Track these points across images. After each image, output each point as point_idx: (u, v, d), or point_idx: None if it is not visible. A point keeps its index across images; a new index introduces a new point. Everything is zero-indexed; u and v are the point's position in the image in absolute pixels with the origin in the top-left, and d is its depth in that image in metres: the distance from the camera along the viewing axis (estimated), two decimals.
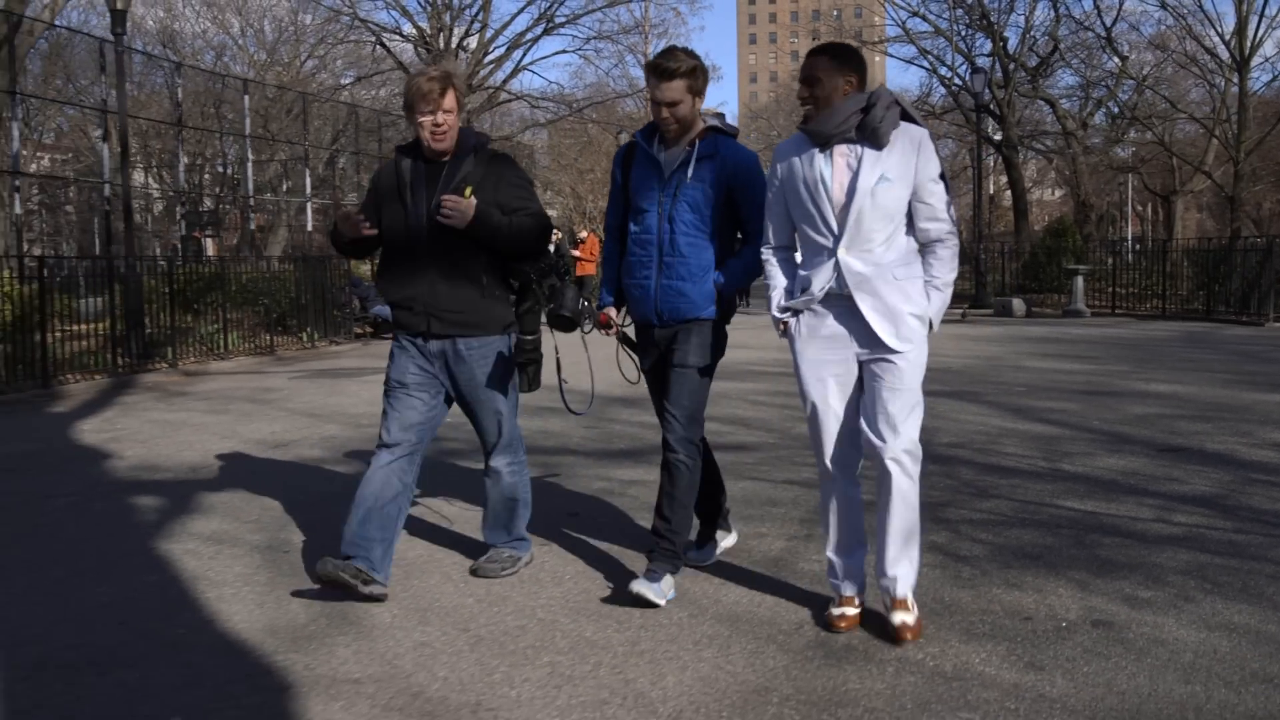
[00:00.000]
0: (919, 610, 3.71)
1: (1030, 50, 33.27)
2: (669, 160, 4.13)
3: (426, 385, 4.24)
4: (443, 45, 33.00)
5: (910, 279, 3.61)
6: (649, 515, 4.24)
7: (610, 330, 4.38)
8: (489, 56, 34.20)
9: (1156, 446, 6.93)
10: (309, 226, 27.63)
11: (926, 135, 3.60)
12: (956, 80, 33.37)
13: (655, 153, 4.17)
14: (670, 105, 4.01)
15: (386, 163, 4.41)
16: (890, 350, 3.56)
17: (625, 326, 4.38)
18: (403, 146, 4.34)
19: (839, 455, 3.76)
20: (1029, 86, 33.19)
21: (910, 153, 3.54)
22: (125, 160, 14.89)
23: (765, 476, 6.17)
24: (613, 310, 4.37)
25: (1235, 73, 28.36)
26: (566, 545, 4.88)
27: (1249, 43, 27.63)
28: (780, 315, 3.76)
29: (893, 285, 3.56)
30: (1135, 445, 6.99)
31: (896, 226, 3.58)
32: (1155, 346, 14.44)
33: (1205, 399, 9.08)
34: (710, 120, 4.19)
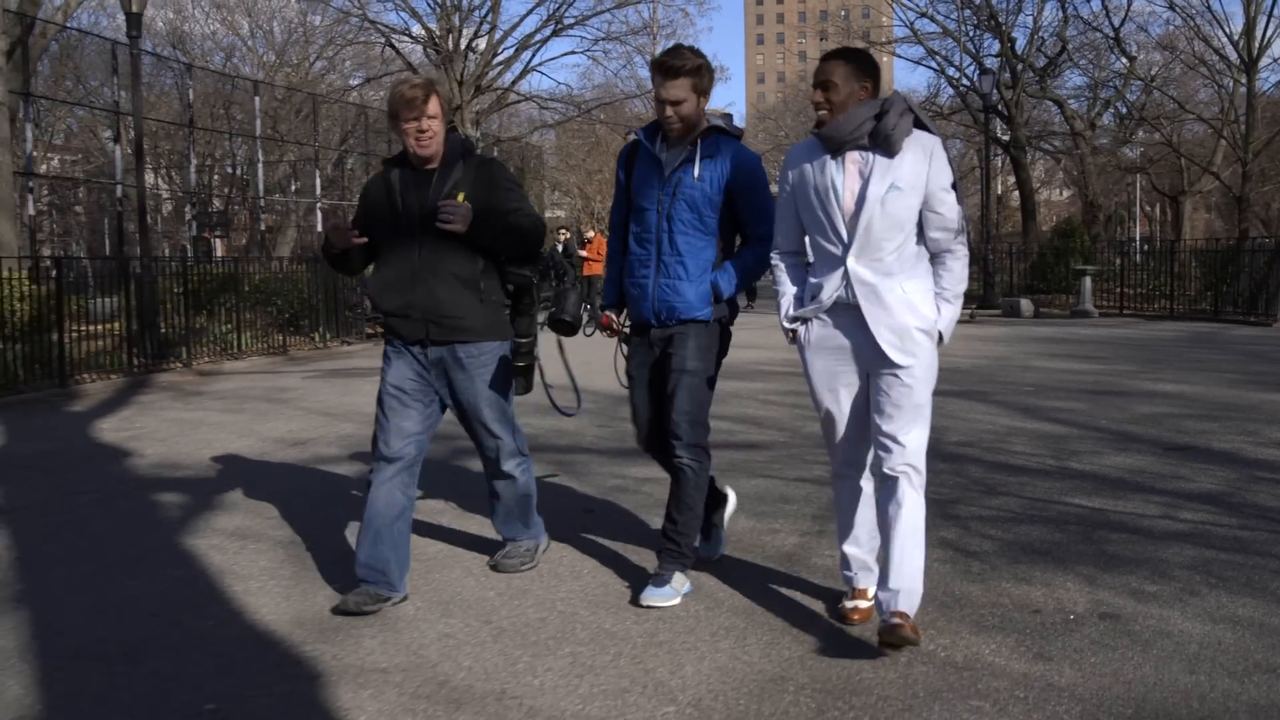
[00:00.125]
0: (919, 615, 3.71)
1: (1038, 51, 33.32)
2: (670, 159, 4.12)
3: (423, 393, 4.22)
4: (452, 46, 33.10)
5: (919, 291, 3.57)
6: (661, 512, 4.33)
7: (611, 332, 4.38)
8: (498, 58, 34.30)
9: (1163, 445, 7.01)
10: (318, 227, 27.79)
11: (939, 144, 3.57)
12: (964, 81, 33.45)
13: (657, 151, 4.16)
14: (674, 103, 4.00)
15: (374, 176, 4.40)
16: (896, 365, 3.53)
17: (625, 328, 4.36)
18: (389, 159, 4.33)
19: (852, 455, 3.80)
20: (1037, 87, 33.23)
21: (922, 161, 3.50)
22: (140, 162, 15.01)
23: (777, 474, 6.26)
24: (614, 313, 4.36)
25: (1243, 73, 28.38)
26: (583, 541, 4.98)
27: (1257, 43, 27.62)
28: (789, 325, 3.77)
29: (900, 298, 3.53)
30: (1142, 444, 7.07)
31: (907, 236, 3.55)
32: (1163, 347, 14.51)
33: (1212, 398, 9.15)
34: (715, 120, 4.17)
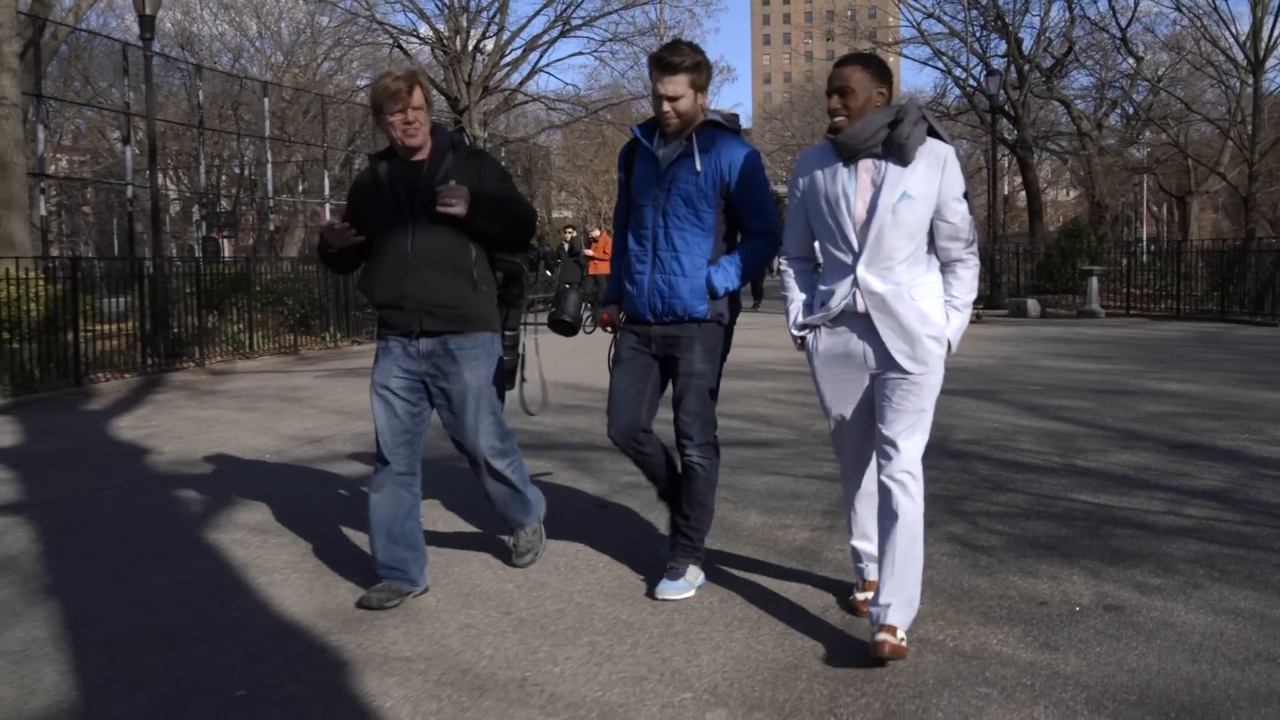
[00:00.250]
0: (926, 606, 3.81)
1: (1045, 51, 33.38)
2: (666, 155, 4.12)
3: (411, 391, 4.20)
4: (459, 47, 33.24)
5: (928, 299, 3.56)
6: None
7: (612, 329, 4.36)
8: (505, 58, 34.43)
9: (1169, 443, 7.09)
10: None
11: (952, 153, 3.55)
12: (971, 81, 33.56)
13: (654, 148, 4.16)
14: (672, 99, 3.99)
15: (362, 171, 4.36)
16: (904, 371, 3.53)
17: (623, 323, 4.34)
18: (376, 154, 4.31)
19: (861, 457, 3.83)
20: (1044, 87, 33.30)
21: (934, 170, 3.49)
22: (154, 162, 15.14)
23: (788, 471, 6.35)
24: (614, 310, 4.36)
25: (1250, 74, 28.44)
26: (598, 536, 5.07)
27: (1264, 44, 27.71)
28: (797, 332, 3.77)
29: (910, 306, 3.52)
30: (1148, 442, 7.16)
31: (918, 245, 3.54)
32: (1169, 346, 14.57)
33: (1217, 398, 9.23)
34: (712, 115, 4.15)
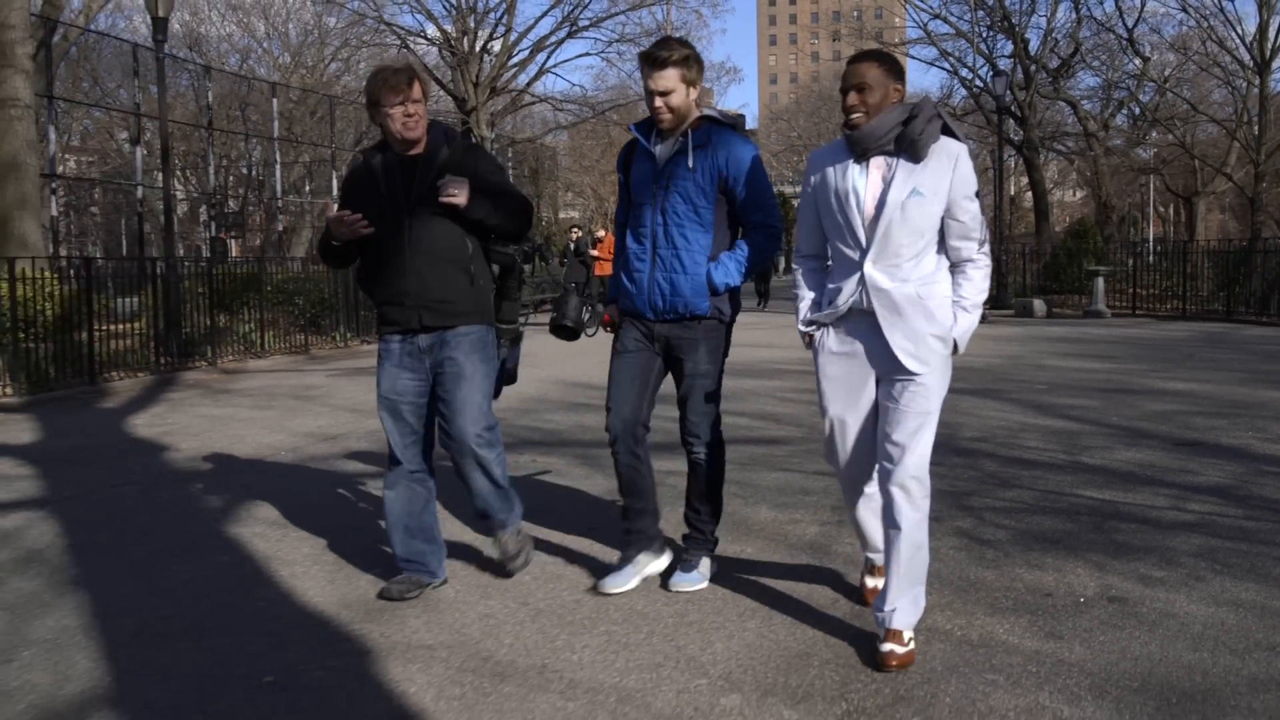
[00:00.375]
0: (933, 598, 3.89)
1: (1052, 52, 33.46)
2: (663, 152, 4.13)
3: (417, 392, 4.23)
4: (467, 48, 33.39)
5: (935, 299, 3.53)
6: (682, 502, 4.46)
7: (613, 328, 4.36)
8: (513, 60, 34.61)
9: (1173, 441, 7.18)
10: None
11: (964, 151, 3.53)
12: (978, 82, 33.58)
13: (651, 146, 4.17)
14: (664, 94, 4.01)
15: (355, 166, 4.36)
16: (908, 372, 3.51)
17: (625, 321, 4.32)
18: (369, 147, 4.30)
19: (854, 473, 3.76)
20: (1050, 88, 33.36)
21: (946, 168, 3.47)
22: (167, 164, 15.26)
23: (797, 468, 6.44)
24: (615, 310, 4.36)
25: (1256, 75, 28.48)
26: (611, 530, 5.13)
27: (1270, 45, 27.76)
28: (804, 329, 3.77)
29: (916, 305, 3.50)
30: (1153, 439, 7.24)
31: (927, 243, 3.52)
32: (1174, 346, 14.65)
33: (1222, 396, 9.31)
34: (707, 110, 4.17)
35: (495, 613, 4.04)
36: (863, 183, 3.53)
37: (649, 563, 4.27)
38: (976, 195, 3.54)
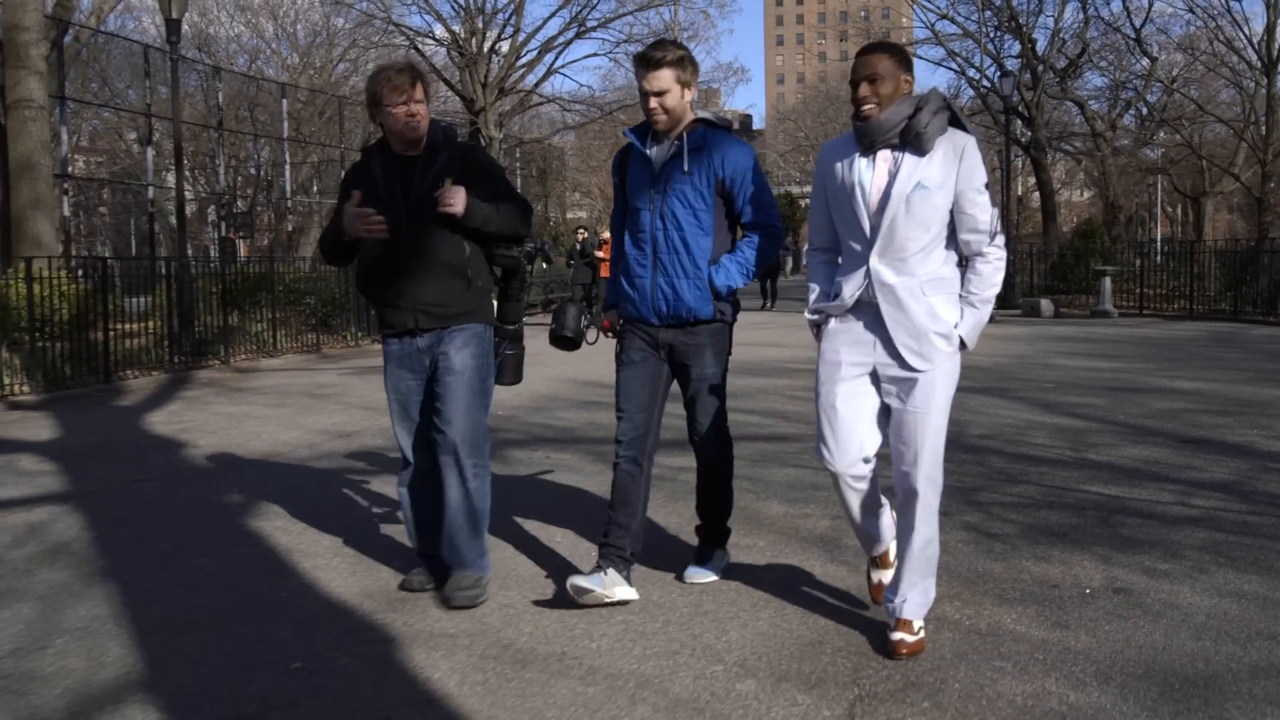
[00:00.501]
0: (942, 589, 3.98)
1: (1059, 52, 33.48)
2: (659, 156, 4.11)
3: (422, 389, 4.24)
4: (475, 49, 33.50)
5: (940, 295, 3.50)
6: (694, 498, 4.54)
7: (614, 334, 4.34)
8: (521, 60, 34.68)
9: (1179, 438, 7.26)
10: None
11: (972, 142, 3.47)
12: (985, 82, 33.66)
13: (647, 150, 4.14)
14: (658, 95, 3.99)
15: (354, 165, 4.35)
16: (912, 369, 3.49)
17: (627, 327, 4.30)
18: (368, 147, 4.28)
19: (844, 461, 3.61)
20: (1058, 88, 33.39)
21: (952, 160, 3.43)
22: (179, 165, 15.41)
23: (807, 464, 6.53)
24: (615, 316, 4.33)
25: (1264, 75, 28.50)
26: None
27: (1278, 45, 27.76)
28: (811, 318, 3.78)
29: (920, 301, 3.47)
30: (1158, 437, 7.32)
31: (934, 237, 3.48)
32: (1181, 346, 14.71)
33: (1228, 395, 9.38)
34: (702, 113, 4.15)
35: (514, 603, 4.14)
36: (869, 175, 3.50)
37: (618, 583, 4.00)
38: (986, 188, 3.48)
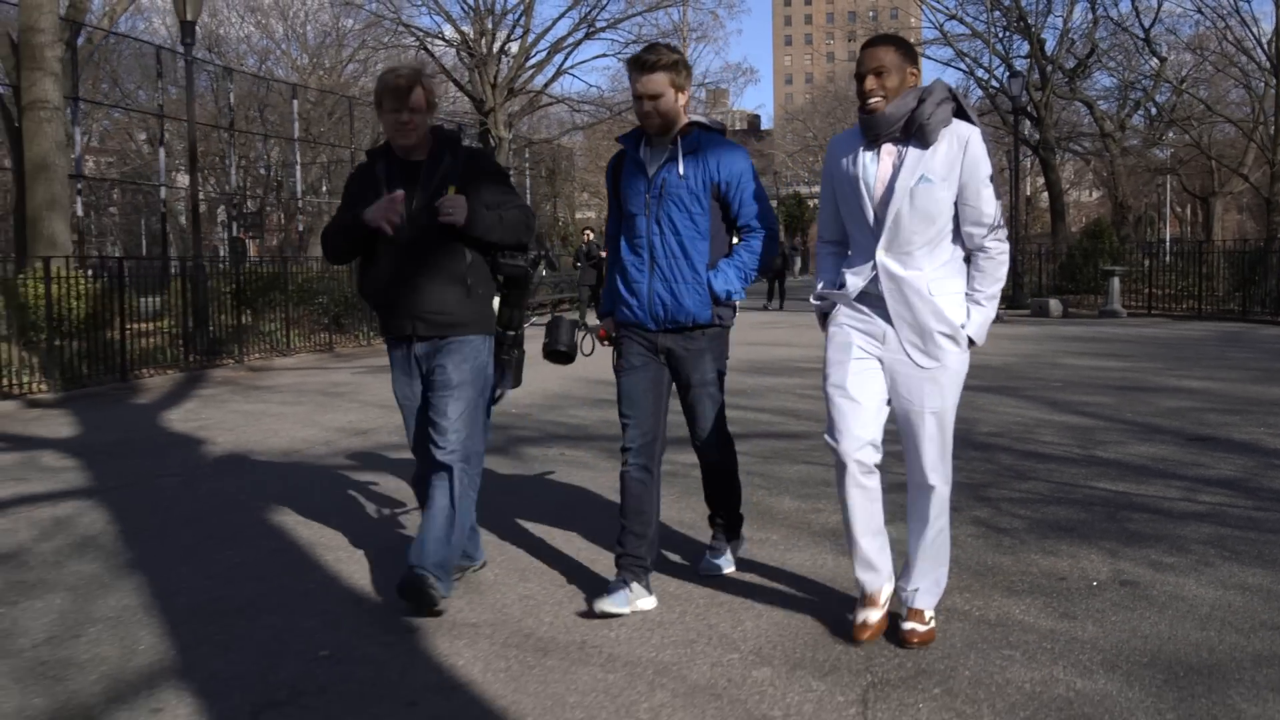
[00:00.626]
0: (952, 580, 4.05)
1: (1068, 52, 33.51)
2: (653, 161, 4.09)
3: (422, 396, 4.26)
4: (485, 50, 33.62)
5: (946, 295, 3.50)
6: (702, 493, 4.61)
7: (610, 342, 4.32)
8: (530, 61, 34.81)
9: (1186, 436, 7.34)
10: None
11: (976, 134, 3.46)
12: (994, 82, 33.66)
13: (641, 155, 4.12)
14: (652, 98, 3.96)
15: (359, 166, 4.35)
16: (918, 366, 3.51)
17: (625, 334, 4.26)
18: (373, 149, 4.30)
19: (851, 440, 3.53)
20: (1066, 88, 33.42)
21: (956, 152, 3.42)
22: (194, 165, 15.53)
23: (818, 461, 6.63)
24: (610, 324, 4.30)
25: (1273, 75, 28.52)
26: None
27: None
28: (816, 303, 3.77)
29: (926, 301, 3.48)
30: (1166, 435, 7.41)
31: (940, 230, 3.48)
32: (1189, 345, 14.77)
33: (1235, 394, 9.46)
34: (696, 117, 4.14)
35: (534, 594, 4.24)
36: (873, 169, 3.51)
37: (641, 595, 4.03)
38: (991, 180, 3.47)
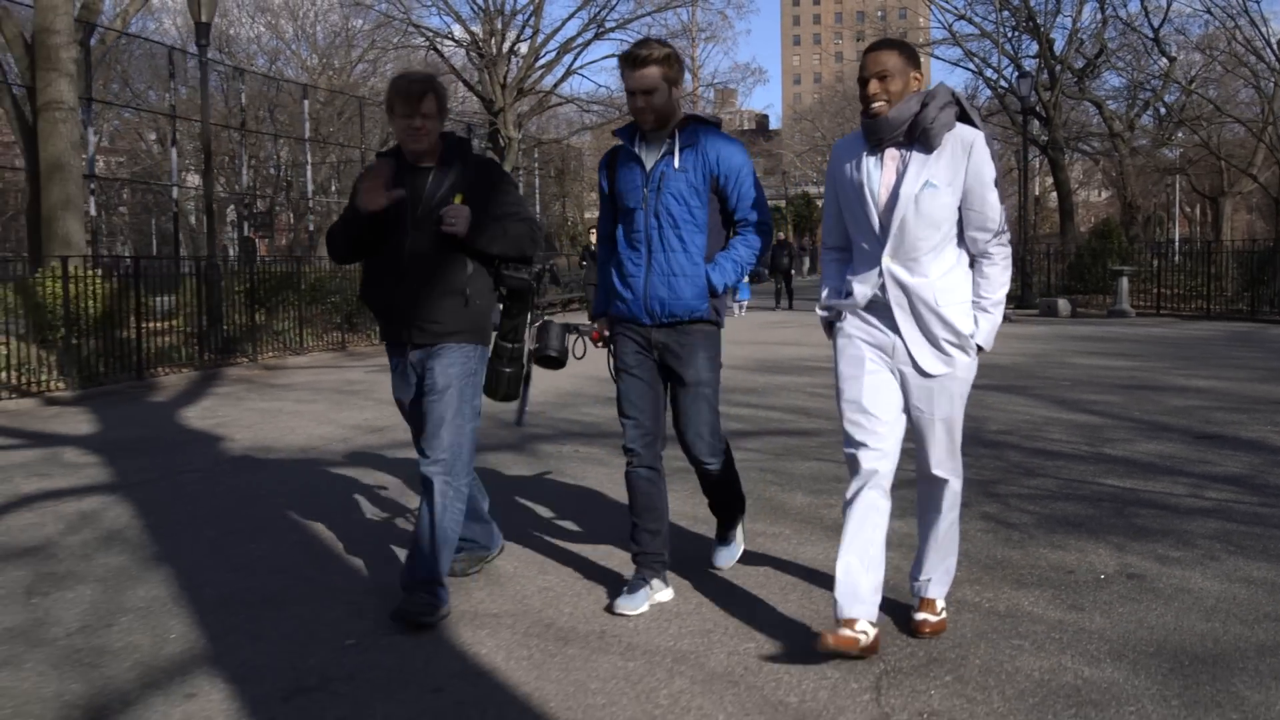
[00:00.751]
0: (962, 573, 4.14)
1: (1077, 52, 33.52)
2: (650, 155, 4.07)
3: (415, 402, 4.24)
4: (495, 50, 33.75)
5: (953, 305, 3.48)
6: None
7: (603, 344, 4.34)
8: (540, 61, 34.93)
9: (1193, 434, 7.42)
10: None
11: (981, 138, 3.43)
12: (1002, 82, 33.72)
13: (637, 150, 4.10)
14: (645, 93, 3.94)
15: (366, 168, 4.29)
16: (925, 372, 3.51)
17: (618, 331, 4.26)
18: (384, 152, 4.29)
19: (872, 461, 3.51)
20: (1075, 88, 33.44)
21: (960, 156, 3.40)
22: (209, 166, 15.66)
23: (829, 457, 6.72)
24: (604, 325, 4.30)
25: None
26: None
27: None
28: (823, 314, 3.76)
29: (933, 310, 3.46)
30: (1173, 433, 7.48)
31: (945, 236, 3.46)
32: (1198, 345, 14.82)
33: (1243, 393, 9.53)
34: (690, 114, 4.13)
35: (553, 586, 4.34)
36: (877, 175, 3.49)
37: (660, 590, 4.13)
38: (995, 184, 3.46)
